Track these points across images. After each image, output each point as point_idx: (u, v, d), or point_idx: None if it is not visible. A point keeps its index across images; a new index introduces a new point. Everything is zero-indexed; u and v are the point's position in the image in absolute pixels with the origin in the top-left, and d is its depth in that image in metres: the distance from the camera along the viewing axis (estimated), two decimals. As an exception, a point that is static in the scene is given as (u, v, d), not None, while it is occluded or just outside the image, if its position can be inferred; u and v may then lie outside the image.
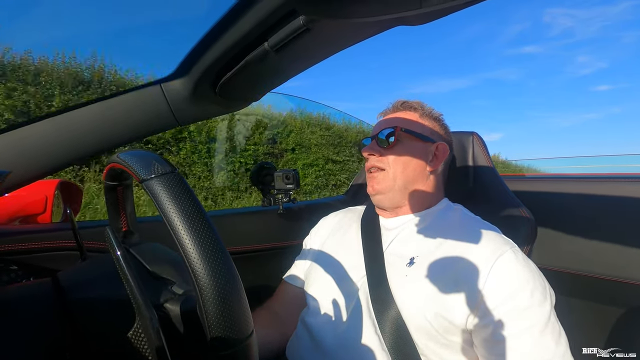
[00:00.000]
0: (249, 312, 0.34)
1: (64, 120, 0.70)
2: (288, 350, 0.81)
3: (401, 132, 0.80)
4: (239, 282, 0.33)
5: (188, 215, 0.33)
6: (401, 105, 0.87)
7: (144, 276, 0.43)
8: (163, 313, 0.39)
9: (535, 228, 0.82)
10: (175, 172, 0.36)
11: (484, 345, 0.62)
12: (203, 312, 0.32)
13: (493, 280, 0.63)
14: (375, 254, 0.77)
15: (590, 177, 1.17)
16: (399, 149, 0.80)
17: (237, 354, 0.33)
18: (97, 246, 0.91)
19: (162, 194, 0.33)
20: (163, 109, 0.76)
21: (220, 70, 0.70)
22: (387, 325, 0.66)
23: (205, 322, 0.32)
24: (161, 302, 0.39)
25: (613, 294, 1.02)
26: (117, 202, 0.52)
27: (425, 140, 0.82)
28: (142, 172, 0.35)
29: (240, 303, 0.33)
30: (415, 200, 0.81)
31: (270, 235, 1.21)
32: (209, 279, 0.31)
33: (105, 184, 0.50)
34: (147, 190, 0.34)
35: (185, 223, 0.32)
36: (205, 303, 0.31)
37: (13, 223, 0.97)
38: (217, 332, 0.32)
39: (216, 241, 0.33)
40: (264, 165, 1.22)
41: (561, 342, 0.60)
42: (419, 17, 0.48)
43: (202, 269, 0.31)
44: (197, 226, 0.32)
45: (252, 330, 0.34)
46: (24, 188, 0.73)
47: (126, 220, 0.54)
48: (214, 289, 0.31)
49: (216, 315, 0.31)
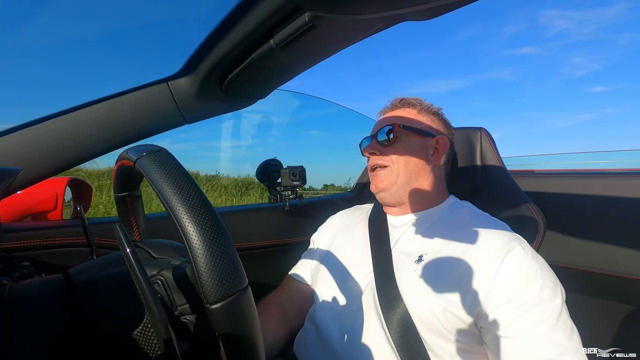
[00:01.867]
0: (241, 267, 0.34)
1: (72, 119, 0.71)
2: (295, 346, 0.82)
3: (400, 128, 0.81)
4: (228, 236, 0.34)
5: (176, 180, 0.35)
6: (399, 102, 0.88)
7: (146, 259, 0.45)
8: (160, 281, 0.41)
9: (544, 224, 0.81)
10: (165, 150, 0.38)
11: (493, 341, 0.62)
12: (195, 270, 0.32)
13: (502, 276, 0.62)
14: (382, 252, 0.77)
15: (602, 172, 1.15)
16: (399, 145, 0.81)
17: (230, 306, 0.33)
18: (107, 242, 0.92)
19: (152, 168, 0.36)
20: (170, 107, 0.76)
21: (227, 68, 0.70)
22: (394, 322, 0.67)
23: (198, 279, 0.32)
24: (157, 272, 0.41)
25: (613, 289, 1.01)
26: (128, 214, 0.54)
27: (425, 135, 0.82)
28: (134, 155, 0.38)
29: (231, 256, 0.34)
30: (420, 195, 0.81)
31: (277, 231, 1.22)
32: (197, 234, 0.32)
33: (115, 196, 0.52)
34: (141, 169, 0.37)
35: (173, 187, 0.34)
36: (195, 258, 0.32)
37: (25, 220, 0.99)
38: (209, 285, 0.32)
39: (202, 200, 0.34)
40: (271, 162, 1.23)
41: (573, 338, 0.60)
42: (425, 12, 0.48)
43: (190, 225, 0.32)
44: (185, 189, 0.34)
45: (246, 285, 0.35)
46: (36, 185, 0.74)
47: (138, 232, 0.55)
48: (203, 243, 0.32)
49: (206, 268, 0.32)
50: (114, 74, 14.69)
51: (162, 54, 19.48)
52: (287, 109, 1.88)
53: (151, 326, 0.37)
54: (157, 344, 0.37)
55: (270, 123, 2.10)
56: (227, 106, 0.84)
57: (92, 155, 0.74)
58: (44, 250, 0.87)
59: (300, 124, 2.44)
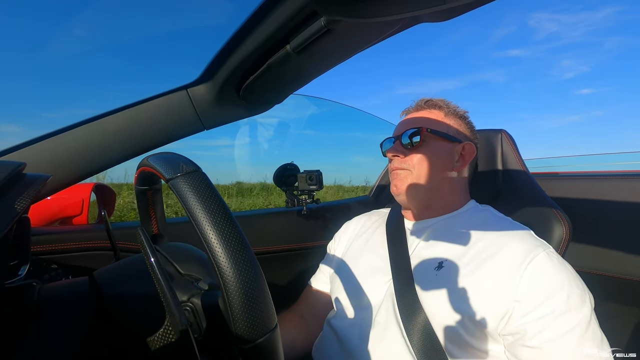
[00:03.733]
0: (272, 306, 0.34)
1: (97, 127, 0.73)
2: (314, 352, 0.81)
3: (427, 132, 0.77)
4: (262, 276, 0.34)
5: (212, 211, 0.34)
6: (425, 103, 0.83)
7: (172, 274, 0.45)
8: (189, 307, 0.40)
9: (570, 229, 0.78)
10: (200, 170, 0.37)
11: (518, 352, 0.59)
12: (228, 306, 0.32)
13: (526, 284, 0.60)
14: (401, 258, 0.75)
15: (630, 174, 1.10)
16: (424, 150, 0.77)
17: (261, 347, 0.33)
18: (129, 246, 0.95)
19: (187, 192, 0.34)
20: (190, 113, 0.78)
21: (244, 74, 0.71)
22: (415, 330, 0.65)
23: (230, 316, 0.33)
24: (187, 298, 0.41)
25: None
26: (147, 206, 0.55)
27: (452, 140, 0.78)
28: (167, 172, 0.37)
29: (264, 297, 0.33)
30: (441, 201, 0.79)
31: (294, 235, 1.22)
32: (233, 274, 0.32)
33: (136, 188, 0.52)
34: (173, 189, 0.35)
35: (210, 219, 0.33)
36: (230, 297, 0.32)
37: (53, 224, 1.03)
38: (242, 325, 0.32)
39: (239, 236, 0.33)
40: (288, 166, 1.23)
41: (603, 348, 0.56)
42: (442, 13, 0.47)
43: (227, 264, 0.32)
44: (221, 222, 0.33)
45: (276, 324, 0.35)
46: (63, 191, 0.77)
47: (156, 223, 0.56)
48: (239, 283, 0.32)
49: (241, 309, 0.32)
50: (136, 83, 15.31)
51: (181, 62, 19.96)
52: (302, 112, 1.89)
53: (172, 328, 0.38)
54: (178, 346, 0.38)
55: (285, 127, 2.11)
56: (244, 112, 0.85)
57: (116, 162, 0.77)
58: (70, 253, 0.90)
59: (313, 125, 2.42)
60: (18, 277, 0.49)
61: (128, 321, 0.41)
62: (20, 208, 0.34)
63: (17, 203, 0.34)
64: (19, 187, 0.35)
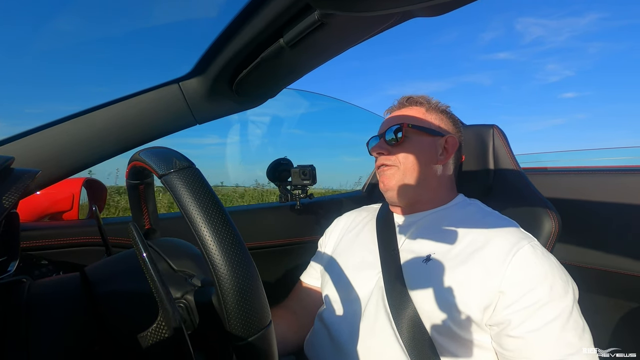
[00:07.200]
0: (267, 303, 0.34)
1: (87, 121, 0.72)
2: (306, 347, 0.82)
3: (408, 128, 0.79)
4: (256, 273, 0.34)
5: (206, 208, 0.33)
6: (406, 101, 0.86)
7: (165, 269, 0.45)
8: (183, 304, 0.40)
9: (559, 224, 0.80)
10: (193, 166, 0.36)
11: (503, 341, 0.61)
12: (222, 303, 0.32)
13: (510, 276, 0.61)
14: (389, 251, 0.76)
15: (618, 169, 1.12)
16: (407, 145, 0.79)
17: (255, 343, 0.33)
18: (121, 242, 0.94)
19: (180, 188, 0.34)
20: (181, 107, 0.77)
21: (237, 68, 0.71)
22: (403, 322, 0.66)
23: (224, 313, 0.33)
24: (181, 294, 0.41)
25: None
26: (139, 200, 0.54)
27: (434, 134, 0.80)
28: (160, 168, 0.36)
29: (258, 294, 0.33)
30: (429, 195, 0.80)
31: (288, 230, 1.22)
32: (227, 271, 0.32)
33: (128, 182, 0.52)
34: (166, 185, 0.35)
35: (203, 216, 0.33)
36: (224, 294, 0.32)
37: (43, 220, 1.02)
38: (236, 322, 0.32)
39: (233, 233, 0.33)
40: (281, 161, 1.23)
41: (585, 338, 0.58)
42: (435, 8, 0.47)
43: (221, 262, 0.32)
44: (215, 219, 0.33)
45: (270, 321, 0.35)
46: (53, 186, 0.76)
47: (148, 218, 0.56)
48: (233, 280, 0.32)
49: (235, 306, 0.32)
50: (127, 75, 14.95)
51: (173, 55, 19.48)
52: (295, 107, 1.87)
53: (165, 324, 0.38)
54: (171, 342, 0.38)
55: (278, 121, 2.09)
56: (237, 106, 0.84)
57: (107, 156, 0.76)
58: (61, 249, 0.89)
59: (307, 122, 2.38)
60: (7, 274, 0.48)
61: (120, 317, 0.41)
62: (9, 203, 0.33)
63: (4, 198, 0.33)
64: (7, 182, 0.35)
